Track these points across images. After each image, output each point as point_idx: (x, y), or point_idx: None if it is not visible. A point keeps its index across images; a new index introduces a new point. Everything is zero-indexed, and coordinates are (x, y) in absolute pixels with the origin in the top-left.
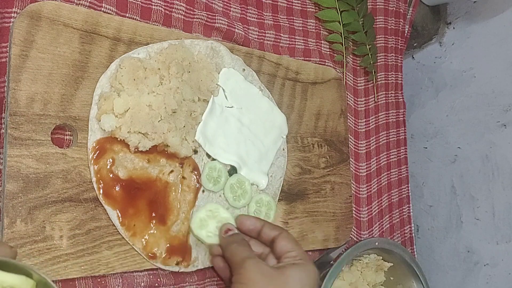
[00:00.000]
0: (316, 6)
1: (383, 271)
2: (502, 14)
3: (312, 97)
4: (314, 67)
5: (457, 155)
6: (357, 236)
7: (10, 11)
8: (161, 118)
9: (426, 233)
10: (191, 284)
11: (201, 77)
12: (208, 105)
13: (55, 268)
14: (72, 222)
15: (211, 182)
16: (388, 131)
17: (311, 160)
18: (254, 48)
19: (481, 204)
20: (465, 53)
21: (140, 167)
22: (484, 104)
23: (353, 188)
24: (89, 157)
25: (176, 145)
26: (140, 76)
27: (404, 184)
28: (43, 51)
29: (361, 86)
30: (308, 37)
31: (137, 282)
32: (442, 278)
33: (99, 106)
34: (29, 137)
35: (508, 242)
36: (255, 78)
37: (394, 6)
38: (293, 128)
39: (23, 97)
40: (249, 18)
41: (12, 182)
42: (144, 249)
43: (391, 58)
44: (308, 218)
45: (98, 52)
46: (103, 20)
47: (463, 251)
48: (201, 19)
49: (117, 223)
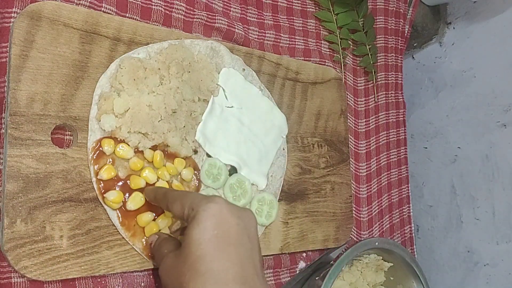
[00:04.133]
0: (316, 6)
1: (383, 271)
2: (502, 14)
3: (312, 97)
4: (314, 67)
5: (457, 155)
6: (357, 236)
7: (10, 11)
8: (161, 118)
9: (426, 233)
10: None
11: (201, 77)
12: (208, 105)
13: (55, 268)
14: (72, 222)
15: (210, 179)
16: (388, 131)
17: (311, 160)
18: (254, 48)
19: (481, 204)
20: (465, 53)
21: (140, 167)
22: (484, 104)
23: (353, 188)
24: (89, 157)
25: (176, 145)
26: (140, 76)
27: (404, 184)
28: (43, 51)
29: (361, 86)
30: (308, 37)
31: (137, 282)
32: (442, 278)
33: (99, 106)
34: (29, 137)
35: (508, 242)
36: (255, 78)
37: (394, 6)
38: (293, 128)
39: (23, 97)
40: (249, 18)
41: (12, 182)
42: (144, 249)
43: (391, 58)
44: (308, 218)
45: (98, 52)
46: (103, 20)
47: (463, 251)
48: (201, 19)
49: (117, 223)
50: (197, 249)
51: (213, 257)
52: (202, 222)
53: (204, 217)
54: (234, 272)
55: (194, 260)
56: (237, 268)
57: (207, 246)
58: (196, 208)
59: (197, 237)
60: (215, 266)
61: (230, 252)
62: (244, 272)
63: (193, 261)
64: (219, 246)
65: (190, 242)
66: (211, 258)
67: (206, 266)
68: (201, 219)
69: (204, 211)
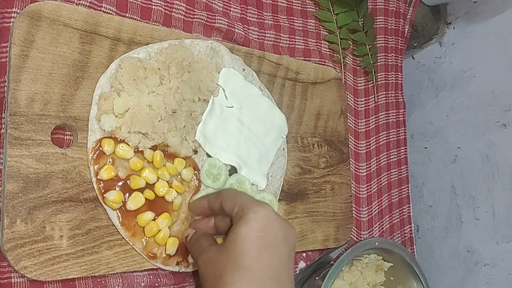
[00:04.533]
0: (316, 6)
1: (383, 271)
2: (502, 14)
3: (312, 97)
4: (314, 67)
5: (457, 155)
6: (357, 236)
7: (10, 11)
8: (161, 118)
9: (426, 233)
10: (191, 284)
11: (201, 77)
12: (208, 105)
13: (55, 268)
14: (72, 222)
15: (210, 179)
16: (388, 131)
17: (311, 160)
18: (254, 48)
19: (481, 204)
20: (465, 53)
21: (140, 167)
22: (484, 104)
23: (353, 188)
24: (89, 157)
25: (176, 145)
26: (140, 76)
27: (404, 184)
28: (43, 51)
29: (361, 86)
30: (308, 37)
31: (137, 282)
32: (442, 278)
33: (99, 106)
34: (29, 137)
35: (508, 242)
36: (255, 78)
37: (394, 6)
38: (293, 128)
39: (23, 97)
40: (249, 18)
41: (12, 182)
42: (144, 249)
43: (391, 58)
44: (308, 218)
45: (98, 52)
46: (103, 20)
47: (463, 251)
48: (201, 19)
49: (117, 223)
50: (242, 245)
51: (255, 255)
52: (250, 222)
53: (253, 218)
54: (272, 273)
55: (237, 255)
56: (275, 271)
57: (252, 244)
58: (246, 209)
59: (244, 235)
60: (256, 264)
61: (270, 255)
62: (281, 276)
63: (236, 256)
64: (262, 247)
65: (236, 238)
66: (253, 256)
67: (248, 262)
68: (249, 219)
69: (254, 213)
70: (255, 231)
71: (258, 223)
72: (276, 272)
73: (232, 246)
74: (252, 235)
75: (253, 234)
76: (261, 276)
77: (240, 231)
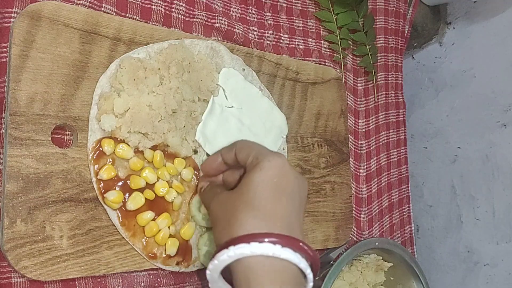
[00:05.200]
0: (316, 6)
1: (383, 271)
2: (502, 14)
3: (312, 97)
4: (314, 67)
5: (457, 155)
6: (357, 236)
7: (10, 11)
8: (161, 118)
9: (426, 233)
10: (191, 284)
11: (201, 77)
12: (208, 105)
13: (55, 268)
14: (72, 222)
15: None
16: (388, 131)
17: (311, 160)
18: (254, 48)
19: (481, 204)
20: (465, 53)
21: (140, 167)
22: (484, 104)
23: (353, 188)
24: (89, 157)
25: (176, 145)
26: (140, 76)
27: (404, 184)
28: (43, 51)
29: (361, 86)
30: (308, 37)
31: (137, 282)
32: (442, 278)
33: (99, 106)
34: (29, 137)
35: (508, 242)
36: (255, 78)
37: (394, 6)
38: (293, 128)
39: (23, 97)
40: (249, 18)
41: (12, 182)
42: (144, 249)
43: (391, 58)
44: (308, 218)
45: (98, 52)
46: (103, 20)
47: (463, 251)
48: (201, 19)
49: (117, 223)
50: (255, 189)
51: (268, 198)
52: (265, 169)
53: (268, 165)
54: (283, 216)
55: (250, 197)
56: (286, 215)
57: (265, 188)
58: (261, 157)
59: (258, 180)
60: (269, 206)
61: (282, 201)
62: (292, 220)
63: (249, 198)
64: (275, 192)
65: (249, 182)
66: (266, 198)
67: (260, 203)
68: (264, 166)
69: (269, 161)
70: (269, 177)
71: (273, 170)
72: (287, 216)
73: (245, 189)
74: (266, 179)
75: (267, 179)
76: (272, 216)
77: (254, 176)
